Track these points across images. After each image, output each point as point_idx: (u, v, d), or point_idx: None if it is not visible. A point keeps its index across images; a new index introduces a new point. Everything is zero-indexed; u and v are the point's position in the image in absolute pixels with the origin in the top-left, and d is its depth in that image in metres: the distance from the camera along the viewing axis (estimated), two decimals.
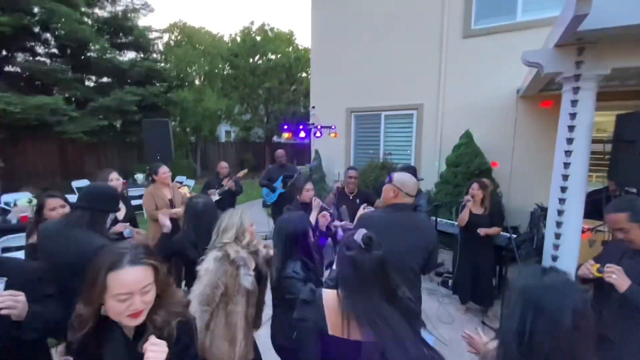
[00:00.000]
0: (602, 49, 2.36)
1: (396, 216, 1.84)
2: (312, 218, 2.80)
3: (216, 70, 14.01)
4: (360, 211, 2.24)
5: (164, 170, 3.37)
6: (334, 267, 1.41)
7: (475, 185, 3.29)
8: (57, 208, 2.13)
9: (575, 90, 2.44)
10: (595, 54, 2.38)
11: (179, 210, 3.26)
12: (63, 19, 7.88)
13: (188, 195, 3.49)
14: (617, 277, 1.43)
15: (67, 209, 2.15)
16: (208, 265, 1.67)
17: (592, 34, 2.22)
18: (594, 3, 1.91)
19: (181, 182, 9.38)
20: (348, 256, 1.12)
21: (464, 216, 3.24)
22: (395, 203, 1.88)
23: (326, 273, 1.96)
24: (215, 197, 4.58)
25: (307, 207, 3.00)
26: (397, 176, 1.93)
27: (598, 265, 1.50)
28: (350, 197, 3.69)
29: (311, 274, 1.71)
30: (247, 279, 1.71)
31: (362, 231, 1.16)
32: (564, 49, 2.47)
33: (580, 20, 2.00)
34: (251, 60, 15.23)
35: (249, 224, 1.86)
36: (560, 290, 0.84)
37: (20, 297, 1.20)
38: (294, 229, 1.74)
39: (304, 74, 15.51)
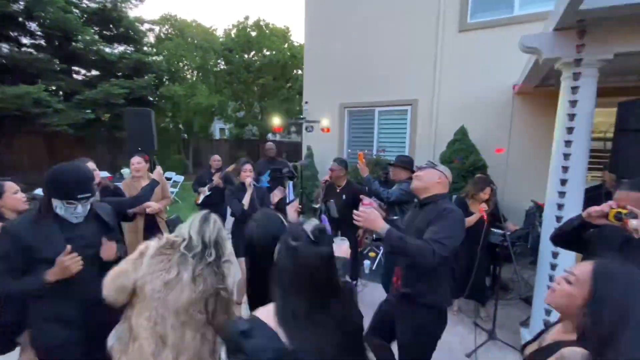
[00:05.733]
0: (604, 32, 2.21)
1: None
2: (246, 199, 3.02)
3: (208, 66, 13.75)
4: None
5: (135, 161, 3.08)
6: None
7: (488, 190, 3.02)
8: (18, 191, 1.94)
9: (576, 76, 2.29)
10: (598, 37, 2.23)
11: (153, 205, 2.96)
12: (48, 7, 7.61)
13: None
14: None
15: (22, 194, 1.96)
16: None
17: (595, 14, 2.07)
18: None
19: (169, 179, 9.17)
20: (291, 247, 0.95)
21: (472, 221, 2.95)
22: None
23: None
24: (206, 193, 4.47)
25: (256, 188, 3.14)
26: (438, 164, 1.89)
27: (618, 210, 1.25)
28: (338, 191, 3.52)
29: None
30: None
31: (314, 222, 1.01)
32: (564, 33, 2.33)
33: None
34: (246, 56, 15.00)
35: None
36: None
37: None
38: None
39: (299, 72, 15.31)
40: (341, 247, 1.42)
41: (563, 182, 2.35)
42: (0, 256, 1.43)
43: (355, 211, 1.65)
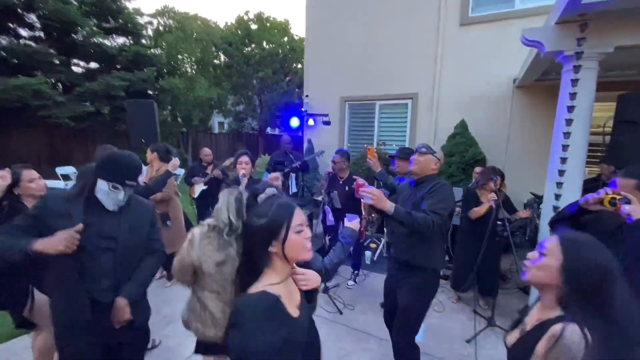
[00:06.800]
0: (605, 25, 2.26)
1: None
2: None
3: (208, 59, 13.68)
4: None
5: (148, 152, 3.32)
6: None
7: (498, 179, 3.00)
8: (35, 179, 1.98)
9: (576, 69, 2.34)
10: (598, 30, 2.27)
11: None
12: None
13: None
14: (633, 205, 1.27)
15: (42, 181, 2.01)
16: None
17: (596, 8, 2.11)
18: None
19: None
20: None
21: (482, 210, 2.98)
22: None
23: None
24: (202, 187, 4.40)
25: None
26: (435, 149, 2.07)
27: (612, 196, 1.32)
28: (340, 182, 3.57)
29: None
30: None
31: (270, 191, 1.08)
32: (565, 26, 2.37)
33: None
34: (245, 49, 14.94)
35: None
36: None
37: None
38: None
39: (299, 65, 15.27)
40: (352, 222, 1.57)
41: (561, 173, 2.41)
42: (26, 214, 1.47)
43: (365, 189, 1.73)
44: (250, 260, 1.01)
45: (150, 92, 10.75)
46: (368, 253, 4.46)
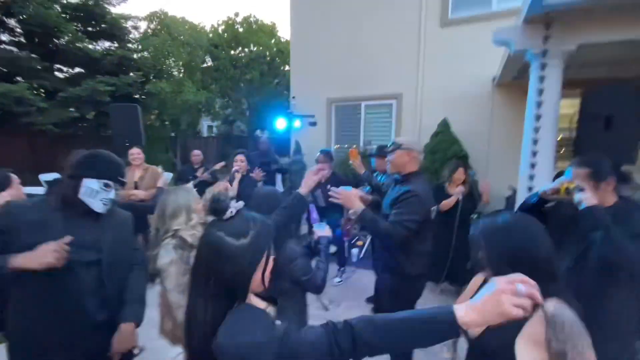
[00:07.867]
0: (569, 24, 2.37)
1: None
2: (233, 187, 3.24)
3: (193, 63, 13.63)
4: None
5: (132, 152, 3.42)
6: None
7: (461, 170, 3.31)
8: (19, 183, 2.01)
9: (543, 66, 2.45)
10: (563, 29, 2.38)
11: (137, 192, 3.23)
12: (27, 3, 7.45)
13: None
14: (586, 193, 1.36)
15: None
16: (171, 257, 1.67)
17: (559, 7, 2.22)
18: None
19: None
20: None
21: (451, 202, 3.19)
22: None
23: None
24: None
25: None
26: (403, 140, 1.99)
27: (567, 185, 1.40)
28: (323, 181, 3.62)
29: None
30: None
31: (238, 205, 0.87)
32: (531, 25, 2.47)
33: None
34: (232, 52, 14.93)
35: (196, 202, 1.78)
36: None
37: None
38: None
39: (286, 67, 15.34)
40: (324, 229, 1.71)
41: (532, 165, 2.52)
42: None
43: (333, 189, 1.83)
44: (226, 295, 0.80)
45: (136, 96, 10.68)
46: (355, 250, 4.53)
